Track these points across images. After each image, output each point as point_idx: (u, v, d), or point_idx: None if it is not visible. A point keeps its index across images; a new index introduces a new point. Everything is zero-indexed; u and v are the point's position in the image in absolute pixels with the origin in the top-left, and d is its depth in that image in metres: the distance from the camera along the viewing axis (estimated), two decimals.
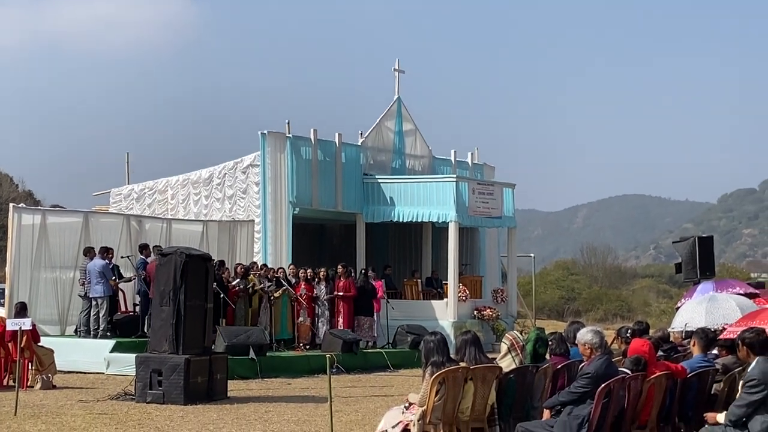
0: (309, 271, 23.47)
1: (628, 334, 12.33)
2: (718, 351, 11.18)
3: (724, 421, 8.60)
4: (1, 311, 20.79)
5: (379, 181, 28.96)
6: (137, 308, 21.44)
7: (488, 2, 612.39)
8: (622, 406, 9.23)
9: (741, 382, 8.65)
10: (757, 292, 17.56)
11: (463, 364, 9.34)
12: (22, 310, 17.44)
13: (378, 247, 31.13)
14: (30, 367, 16.94)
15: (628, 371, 9.36)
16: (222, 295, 20.29)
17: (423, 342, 9.54)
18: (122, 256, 21.92)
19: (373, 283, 24.68)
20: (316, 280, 23.43)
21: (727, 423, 8.51)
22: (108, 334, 20.27)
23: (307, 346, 22.60)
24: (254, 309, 22.11)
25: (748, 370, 8.57)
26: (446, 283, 28.23)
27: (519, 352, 9.98)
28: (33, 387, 16.68)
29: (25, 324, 15.55)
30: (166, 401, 14.57)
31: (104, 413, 13.60)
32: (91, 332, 20.41)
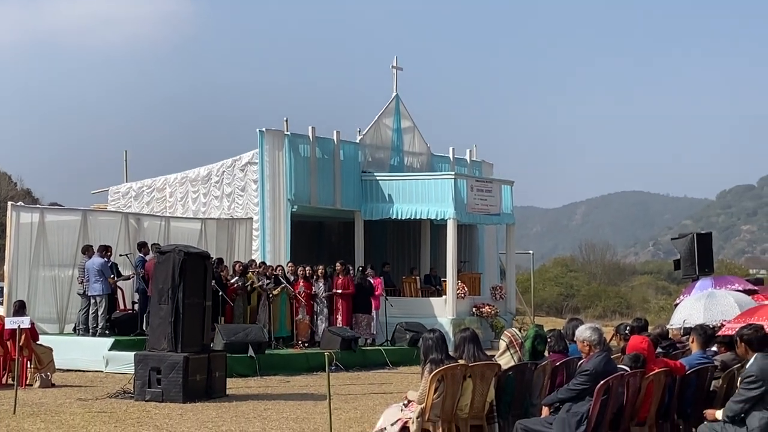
0: (307, 268, 23.47)
1: (627, 331, 12.29)
2: (717, 348, 11.18)
3: (722, 417, 8.62)
4: (0, 310, 20.80)
5: (378, 178, 28.95)
6: (136, 306, 21.46)
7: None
8: (621, 403, 9.24)
9: (739, 379, 8.66)
10: (756, 288, 17.56)
11: (461, 362, 9.34)
12: (20, 309, 17.43)
13: (376, 245, 31.13)
14: (29, 366, 16.92)
15: (627, 368, 9.36)
16: (221, 293, 20.29)
17: (422, 339, 9.55)
18: (121, 254, 21.93)
19: (371, 281, 24.69)
20: (315, 277, 23.43)
21: (725, 419, 8.53)
22: (107, 332, 20.28)
23: (306, 344, 22.60)
24: (253, 307, 22.10)
25: (747, 366, 8.58)
26: (445, 281, 28.21)
27: (518, 349, 9.98)
28: (32, 385, 16.67)
29: (24, 322, 15.55)
30: (165, 399, 14.58)
31: (103, 411, 13.59)
32: (90, 330, 20.42)
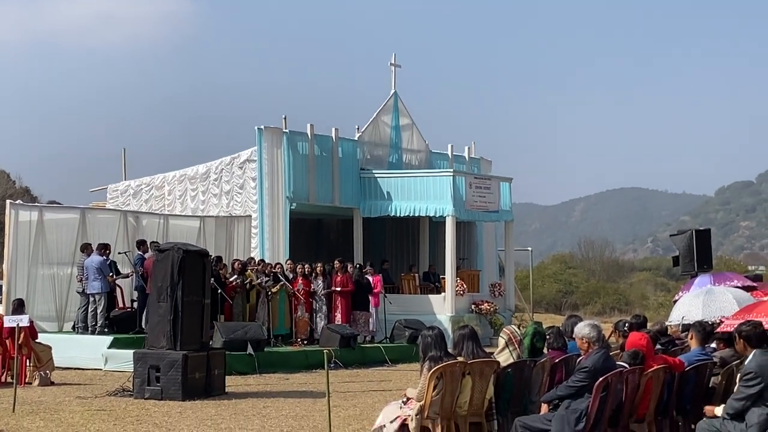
0: (306, 266, 23.46)
1: (626, 328, 12.27)
2: (715, 344, 11.18)
3: (722, 414, 8.62)
4: None
5: (376, 175, 28.94)
6: (135, 304, 21.44)
7: None
8: (620, 400, 9.24)
9: (738, 376, 8.66)
10: (755, 285, 17.53)
11: (460, 359, 9.34)
12: (19, 307, 17.43)
13: (375, 242, 31.13)
14: (28, 364, 16.93)
15: (626, 365, 9.36)
16: (219, 291, 20.29)
17: (421, 336, 9.54)
18: (119, 252, 21.94)
19: (369, 278, 24.69)
20: (314, 275, 23.42)
21: (726, 416, 8.53)
22: (106, 330, 20.28)
23: (305, 342, 22.59)
24: (252, 305, 22.09)
25: (745, 363, 8.58)
26: (444, 278, 28.20)
27: (516, 346, 9.97)
28: (31, 383, 16.68)
29: (23, 321, 15.54)
30: (164, 397, 14.58)
31: (102, 409, 13.59)
32: (89, 328, 20.42)
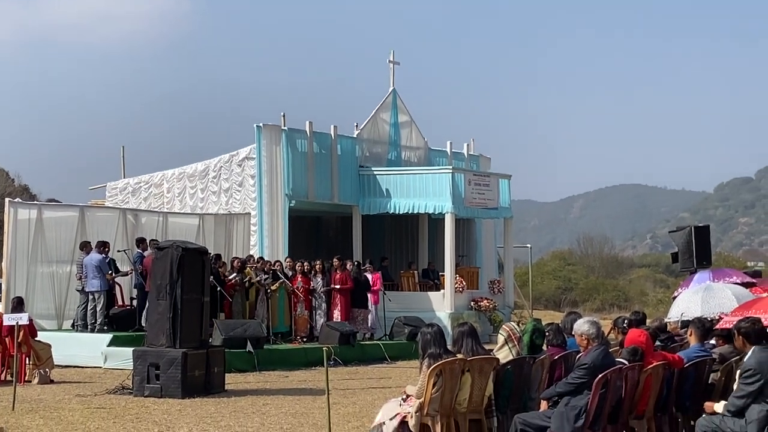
0: (305, 263, 23.46)
1: (625, 325, 12.30)
2: (715, 340, 11.18)
3: (722, 411, 8.62)
4: None
5: (375, 173, 28.93)
6: (134, 302, 21.45)
7: None
8: (620, 397, 9.24)
9: (738, 373, 8.67)
10: (754, 281, 17.54)
11: (460, 356, 9.34)
12: (19, 305, 17.43)
13: (374, 239, 31.12)
14: (27, 362, 16.95)
15: (625, 361, 9.36)
16: (219, 289, 20.28)
17: (420, 334, 9.54)
18: (119, 250, 21.94)
19: (368, 276, 24.69)
20: (313, 272, 23.42)
21: (726, 413, 8.53)
22: (105, 328, 20.29)
23: (305, 339, 22.60)
24: (251, 302, 22.09)
25: (744, 360, 8.59)
26: (443, 275, 28.20)
27: (516, 343, 9.98)
28: (30, 382, 16.69)
29: (22, 319, 15.54)
30: (164, 395, 14.58)
31: (102, 407, 13.60)
32: (89, 326, 20.43)
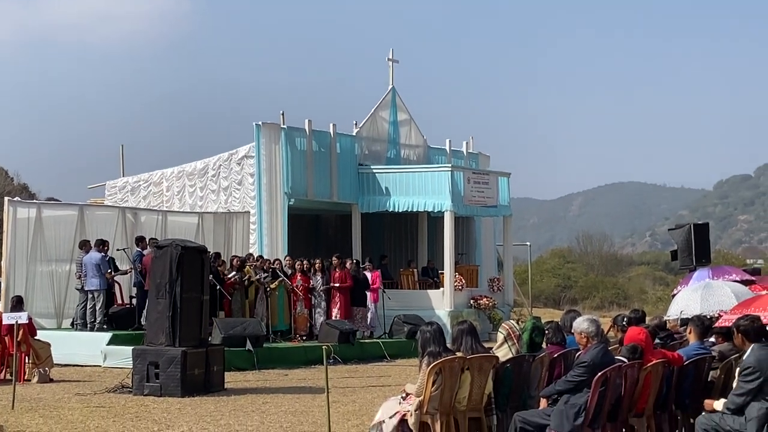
0: (305, 262, 23.46)
1: (625, 323, 12.29)
2: (714, 338, 11.18)
3: (722, 408, 8.62)
4: None
5: (374, 171, 28.92)
6: (134, 301, 21.44)
7: None
8: (619, 395, 9.24)
9: (737, 371, 8.66)
10: (753, 278, 17.59)
11: (459, 354, 9.33)
12: (18, 304, 17.43)
13: (374, 238, 31.12)
14: (27, 361, 16.95)
15: (625, 359, 9.36)
16: (218, 287, 20.28)
17: (419, 332, 9.53)
18: (118, 249, 21.93)
19: (367, 274, 24.69)
20: (312, 271, 23.41)
21: (726, 411, 8.53)
22: (104, 326, 20.29)
23: (304, 337, 22.60)
24: (251, 301, 22.09)
25: (744, 357, 8.58)
26: (442, 273, 28.21)
27: (515, 341, 9.97)
28: (30, 380, 16.69)
29: (22, 318, 15.52)
30: (164, 393, 14.58)
31: (101, 406, 13.60)
32: (88, 325, 20.43)
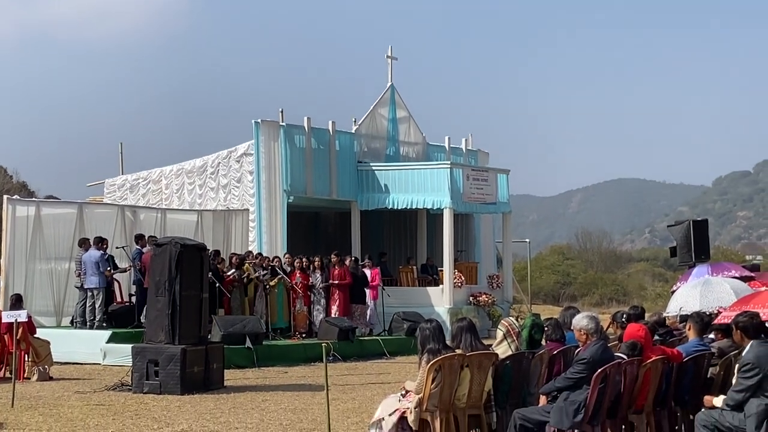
0: (304, 259, 23.45)
1: (624, 319, 12.29)
2: (714, 335, 11.18)
3: (721, 405, 8.62)
4: None
5: (374, 168, 28.92)
6: (133, 299, 21.44)
7: None
8: (619, 391, 9.25)
9: (736, 367, 8.67)
10: (753, 275, 17.55)
11: (459, 351, 9.33)
12: (17, 302, 17.43)
13: (373, 235, 31.13)
14: (26, 359, 16.94)
15: (624, 356, 9.36)
16: (218, 285, 20.27)
17: (419, 329, 9.53)
18: (117, 247, 21.92)
19: (365, 271, 24.69)
20: (312, 268, 23.42)
21: (724, 407, 8.54)
22: (104, 324, 20.29)
23: (304, 335, 22.60)
24: (250, 298, 22.08)
25: (743, 354, 8.59)
26: (442, 270, 28.23)
27: (515, 338, 9.96)
28: (30, 378, 16.68)
29: (21, 316, 15.51)
30: (163, 391, 14.59)
31: (101, 404, 13.60)
32: (87, 323, 20.42)
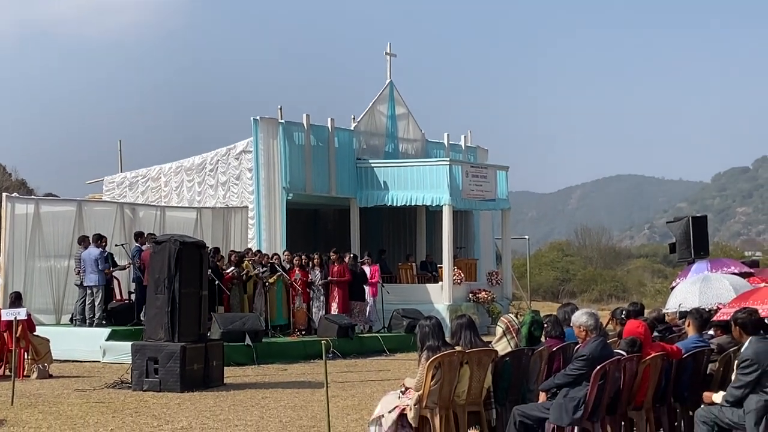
0: (303, 256, 23.45)
1: (623, 316, 12.30)
2: (713, 331, 11.19)
3: (720, 401, 8.63)
4: None
5: (373, 165, 28.92)
6: (132, 296, 21.44)
7: None
8: (618, 388, 9.25)
9: (735, 363, 8.68)
10: (752, 271, 17.55)
11: (458, 348, 9.33)
12: (17, 300, 17.42)
13: (372, 232, 31.13)
14: (26, 357, 16.94)
15: (624, 353, 9.36)
16: (217, 282, 20.27)
17: (418, 326, 9.53)
18: (117, 245, 21.91)
19: (365, 268, 24.69)
20: (311, 265, 23.42)
21: (725, 403, 8.54)
22: (103, 322, 20.29)
23: (303, 332, 22.61)
24: (249, 295, 22.08)
25: (742, 350, 8.59)
26: (441, 267, 28.23)
27: (514, 335, 9.96)
28: (29, 376, 16.68)
29: (21, 314, 15.52)
30: (163, 389, 14.60)
31: (101, 402, 13.60)
32: (87, 321, 20.42)
